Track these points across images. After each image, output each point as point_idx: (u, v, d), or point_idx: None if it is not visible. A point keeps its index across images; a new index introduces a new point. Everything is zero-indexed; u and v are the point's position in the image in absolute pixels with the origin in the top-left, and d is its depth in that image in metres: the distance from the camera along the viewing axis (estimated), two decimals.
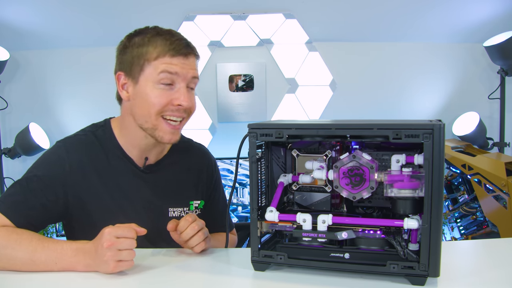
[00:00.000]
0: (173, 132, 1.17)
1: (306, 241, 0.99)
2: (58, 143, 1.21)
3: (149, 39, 1.14)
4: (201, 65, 2.93)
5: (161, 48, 1.13)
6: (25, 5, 2.62)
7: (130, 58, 1.16)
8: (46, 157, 1.19)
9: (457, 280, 0.93)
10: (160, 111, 1.14)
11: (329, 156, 1.05)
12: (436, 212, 0.85)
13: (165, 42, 1.14)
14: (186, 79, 1.15)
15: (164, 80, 1.13)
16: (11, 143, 2.80)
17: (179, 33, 1.19)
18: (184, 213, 1.28)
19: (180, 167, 1.30)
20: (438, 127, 0.84)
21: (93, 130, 1.24)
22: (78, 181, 1.16)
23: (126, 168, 1.22)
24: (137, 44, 1.15)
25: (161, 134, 1.16)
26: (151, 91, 1.13)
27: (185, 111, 1.17)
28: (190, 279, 0.98)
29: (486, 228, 2.37)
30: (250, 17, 2.87)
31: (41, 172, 1.14)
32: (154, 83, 1.13)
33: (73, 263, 1.00)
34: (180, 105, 1.14)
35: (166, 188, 1.26)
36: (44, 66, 2.92)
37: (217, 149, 2.94)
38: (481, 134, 2.79)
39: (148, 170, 1.25)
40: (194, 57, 1.18)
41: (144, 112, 1.15)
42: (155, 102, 1.13)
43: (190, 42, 1.18)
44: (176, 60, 1.13)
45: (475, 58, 2.97)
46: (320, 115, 3.01)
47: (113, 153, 1.21)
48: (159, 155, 1.27)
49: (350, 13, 2.82)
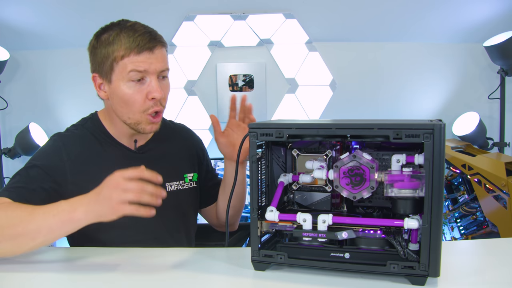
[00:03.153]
0: (155, 122, 1.22)
1: (306, 241, 0.99)
2: (53, 136, 1.26)
3: (113, 38, 1.16)
4: (201, 65, 2.94)
5: (126, 47, 1.15)
6: (25, 5, 2.62)
7: (100, 59, 1.19)
8: (44, 148, 1.24)
9: (457, 280, 0.93)
10: (141, 109, 1.18)
11: (329, 156, 1.05)
12: (436, 212, 0.85)
13: (128, 40, 1.15)
14: (155, 73, 1.18)
15: (134, 77, 1.16)
16: (11, 143, 2.80)
17: (143, 26, 1.20)
18: (180, 186, 1.34)
19: (169, 143, 1.37)
20: (438, 127, 0.84)
21: (82, 124, 1.30)
22: (76, 169, 1.20)
23: (120, 153, 1.27)
24: (104, 43, 1.18)
25: (143, 126, 1.21)
26: (126, 90, 1.17)
27: (161, 103, 1.21)
28: (190, 278, 0.98)
29: (486, 228, 2.37)
30: (250, 17, 2.87)
31: (40, 162, 1.18)
32: (125, 81, 1.17)
33: (71, 212, 0.99)
34: (154, 98, 1.18)
35: (160, 165, 1.29)
36: (44, 66, 2.93)
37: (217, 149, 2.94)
38: (481, 134, 2.79)
39: (141, 150, 1.30)
40: (161, 48, 1.19)
41: (125, 110, 1.20)
42: (134, 101, 1.17)
43: (155, 33, 1.19)
44: (142, 57, 1.15)
45: (475, 58, 2.97)
46: (320, 115, 3.01)
47: (106, 141, 1.27)
48: (147, 136, 1.33)
49: (350, 13, 2.82)
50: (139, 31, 1.16)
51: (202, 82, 2.96)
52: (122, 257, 1.11)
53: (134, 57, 1.15)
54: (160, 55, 1.18)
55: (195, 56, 2.93)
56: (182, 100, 2.97)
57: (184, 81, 2.95)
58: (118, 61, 1.16)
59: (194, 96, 2.97)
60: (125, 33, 1.16)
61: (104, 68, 1.19)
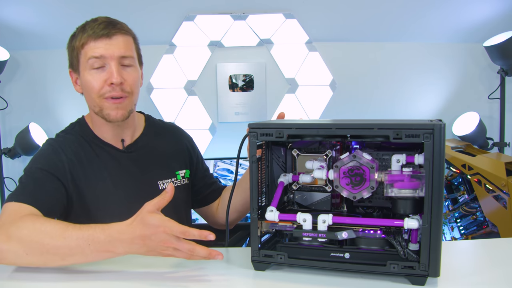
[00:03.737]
0: (117, 107, 1.21)
1: (306, 241, 0.99)
2: (48, 140, 1.28)
3: (79, 31, 1.22)
4: (201, 65, 2.94)
5: (85, 35, 1.19)
6: (25, 5, 2.62)
7: (70, 53, 1.25)
8: (42, 151, 1.24)
9: (457, 280, 0.93)
10: (98, 94, 1.20)
11: (329, 156, 1.05)
12: (436, 212, 0.85)
13: (87, 29, 1.19)
14: (114, 59, 1.19)
15: (94, 64, 1.19)
16: (11, 143, 2.80)
17: (107, 18, 1.23)
18: (173, 183, 1.34)
19: (158, 142, 1.37)
20: (438, 127, 0.84)
21: (71, 128, 1.31)
22: (74, 170, 1.21)
23: (109, 153, 1.28)
24: (72, 38, 1.23)
25: (107, 112, 1.22)
26: (88, 78, 1.20)
27: (122, 89, 1.20)
28: (190, 278, 0.98)
29: (486, 228, 2.37)
30: (250, 17, 2.87)
31: (40, 164, 1.19)
32: (88, 70, 1.20)
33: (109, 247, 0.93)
34: (112, 84, 1.18)
35: (151, 163, 1.31)
36: (44, 66, 2.92)
37: (217, 149, 2.95)
38: (481, 134, 2.79)
39: (129, 149, 1.30)
40: (122, 35, 1.21)
41: (89, 98, 1.23)
42: (92, 86, 1.20)
43: (117, 23, 1.22)
44: (99, 43, 1.18)
45: (475, 58, 2.97)
46: (320, 115, 3.01)
47: (94, 144, 1.27)
48: (134, 135, 1.33)
49: (350, 13, 2.82)
50: (99, 21, 1.20)
51: (202, 82, 2.96)
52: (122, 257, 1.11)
53: (92, 44, 1.18)
54: (120, 42, 1.20)
55: (195, 56, 2.93)
56: (182, 100, 2.96)
57: (184, 81, 2.95)
58: (80, 51, 1.20)
59: (194, 96, 2.96)
60: (88, 25, 1.21)
61: (73, 61, 1.23)
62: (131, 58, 1.23)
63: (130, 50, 1.22)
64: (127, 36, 1.23)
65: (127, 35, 1.23)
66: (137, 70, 1.26)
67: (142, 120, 1.39)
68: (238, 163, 1.07)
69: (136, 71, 1.25)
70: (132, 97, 1.24)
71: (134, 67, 1.24)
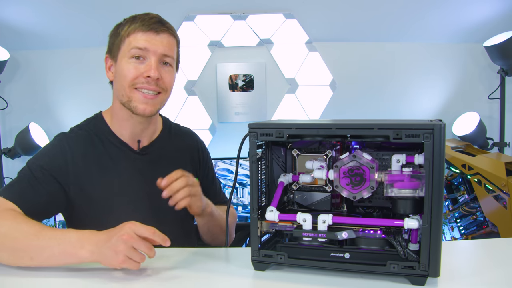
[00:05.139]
0: (147, 102, 1.21)
1: (306, 241, 0.99)
2: (58, 136, 1.26)
3: (127, 21, 1.22)
4: (201, 65, 2.94)
5: (134, 26, 1.20)
6: (25, 5, 2.62)
7: (112, 40, 1.24)
8: (48, 148, 1.23)
9: (457, 280, 0.93)
10: (131, 83, 1.19)
11: (329, 156, 1.05)
12: (436, 212, 0.85)
13: (138, 21, 1.20)
14: (156, 54, 1.20)
15: (135, 54, 1.19)
16: (11, 143, 2.80)
17: (158, 15, 1.24)
18: None
19: (173, 147, 1.35)
20: (438, 127, 0.84)
21: (86, 124, 1.30)
22: (79, 171, 1.20)
23: (123, 153, 1.26)
24: (118, 27, 1.24)
25: (135, 104, 1.21)
26: (125, 66, 1.20)
27: (157, 85, 1.21)
28: (190, 278, 0.98)
29: (486, 228, 2.37)
30: (250, 17, 2.87)
31: (44, 162, 1.18)
32: (127, 58, 1.20)
33: (76, 247, 0.97)
34: (149, 77, 1.18)
35: (162, 167, 1.29)
36: (44, 66, 2.92)
37: (217, 149, 2.94)
38: (481, 134, 2.79)
39: (144, 151, 1.29)
40: (169, 35, 1.22)
41: (120, 86, 1.22)
42: (127, 75, 1.19)
43: (166, 22, 1.24)
44: (146, 36, 1.19)
45: (475, 58, 2.97)
46: (320, 115, 3.01)
47: (108, 141, 1.26)
48: (151, 137, 1.32)
49: (350, 13, 2.82)
50: (150, 15, 1.22)
51: (202, 82, 2.96)
52: None
53: (138, 34, 1.19)
54: (165, 40, 1.21)
55: (195, 56, 2.93)
56: (182, 100, 2.96)
57: (184, 81, 2.95)
58: (125, 39, 1.20)
59: (194, 96, 2.96)
60: (139, 16, 1.22)
61: (114, 48, 1.23)
62: (172, 59, 1.24)
63: (173, 50, 1.24)
64: (173, 37, 1.24)
65: (173, 36, 1.24)
66: (174, 72, 1.27)
67: (160, 122, 1.38)
68: (238, 163, 1.07)
69: (173, 72, 1.26)
70: (165, 95, 1.25)
71: (172, 68, 1.25)
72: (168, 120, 1.42)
